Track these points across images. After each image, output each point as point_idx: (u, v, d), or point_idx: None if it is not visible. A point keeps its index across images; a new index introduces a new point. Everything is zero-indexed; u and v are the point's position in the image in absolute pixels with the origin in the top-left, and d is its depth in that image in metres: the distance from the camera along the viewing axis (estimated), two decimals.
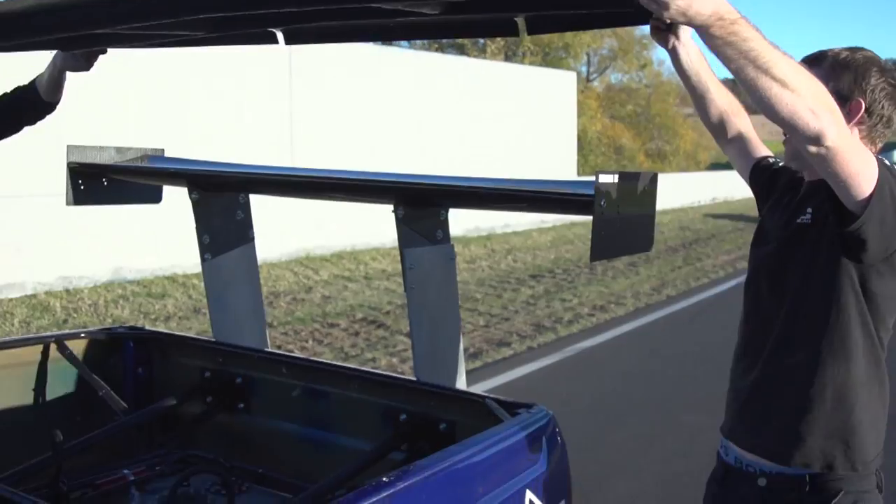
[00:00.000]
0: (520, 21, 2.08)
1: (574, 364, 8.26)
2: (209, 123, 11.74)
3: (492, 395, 2.68)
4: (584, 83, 33.30)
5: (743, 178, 2.65)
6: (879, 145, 2.25)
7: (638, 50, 41.59)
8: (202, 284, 11.39)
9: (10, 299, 9.70)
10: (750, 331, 2.36)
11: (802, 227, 2.25)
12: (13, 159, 9.76)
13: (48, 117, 3.38)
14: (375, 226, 12.65)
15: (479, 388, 5.67)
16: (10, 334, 8.31)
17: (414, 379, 2.86)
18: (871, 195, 1.94)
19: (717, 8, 1.71)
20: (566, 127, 22.41)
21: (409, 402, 2.81)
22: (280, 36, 2.48)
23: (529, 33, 2.15)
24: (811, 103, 1.80)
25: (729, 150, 2.66)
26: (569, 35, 35.76)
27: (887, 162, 2.04)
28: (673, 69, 2.46)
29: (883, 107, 2.19)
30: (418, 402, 2.79)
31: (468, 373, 2.96)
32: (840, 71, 2.20)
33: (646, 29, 2.18)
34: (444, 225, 2.90)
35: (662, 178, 2.10)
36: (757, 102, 1.81)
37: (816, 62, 2.22)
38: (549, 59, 35.47)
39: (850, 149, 1.91)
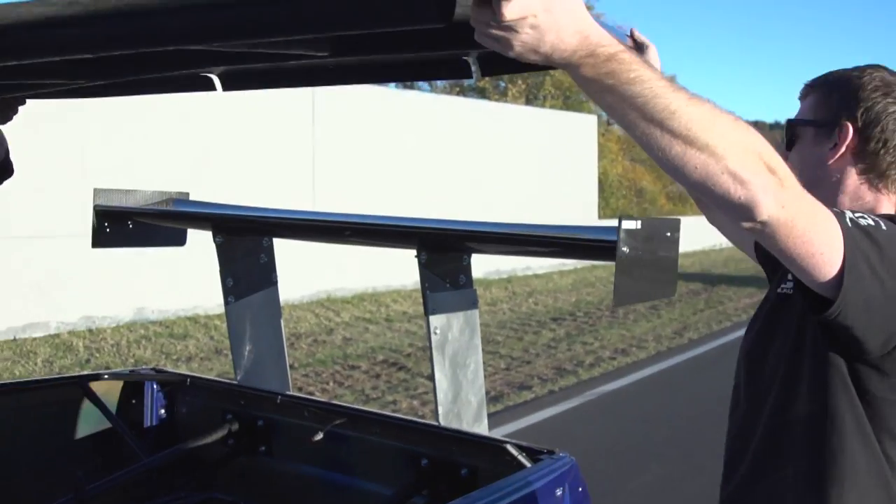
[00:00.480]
0: (474, 67, 1.99)
1: (595, 408, 8.21)
2: (233, 167, 11.83)
3: (514, 441, 2.67)
4: (605, 126, 33.40)
5: (745, 252, 2.28)
6: None
7: None
8: (224, 325, 11.35)
9: (34, 339, 9.76)
10: (731, 430, 1.92)
11: (783, 297, 1.83)
12: (39, 199, 9.88)
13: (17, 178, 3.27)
14: (396, 268, 12.68)
15: (500, 432, 5.65)
16: (33, 374, 8.35)
17: (435, 423, 2.86)
18: (841, 273, 1.45)
19: (584, 41, 1.21)
20: (587, 170, 22.44)
21: (431, 446, 2.81)
22: (217, 81, 2.38)
23: (484, 75, 2.00)
24: (733, 165, 1.29)
25: (716, 218, 2.27)
26: None
27: (855, 215, 1.54)
28: None
29: (883, 129, 1.73)
30: (440, 446, 2.78)
31: (489, 416, 2.96)
32: (829, 92, 1.80)
33: None
34: (467, 270, 2.90)
35: (684, 221, 2.00)
36: (660, 166, 1.35)
37: (813, 88, 1.85)
38: (569, 103, 35.62)
39: (800, 219, 1.39)
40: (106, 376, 3.56)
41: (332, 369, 9.19)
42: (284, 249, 4.01)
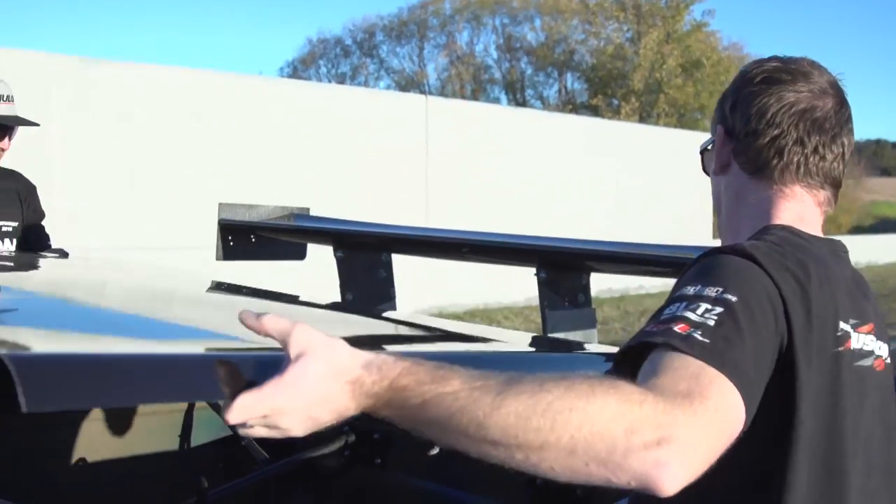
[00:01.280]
0: None
1: None
2: (348, 184, 12.02)
3: None
4: None
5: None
6: (806, 173, 1.48)
7: None
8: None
9: None
10: None
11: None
12: (164, 214, 10.21)
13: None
14: (507, 285, 12.68)
15: None
16: None
17: None
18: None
19: (344, 408, 1.08)
20: (701, 188, 22.07)
21: None
22: None
23: None
24: (596, 451, 1.01)
25: None
26: (704, 95, 35.41)
27: (695, 331, 1.18)
28: None
29: (744, 113, 1.50)
30: None
31: None
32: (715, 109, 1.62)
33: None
34: (586, 289, 2.90)
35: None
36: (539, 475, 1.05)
37: None
38: (684, 121, 35.16)
39: (712, 431, 1.07)
40: None
41: None
42: (397, 265, 4.07)
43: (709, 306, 1.21)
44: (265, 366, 1.10)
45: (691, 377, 1.10)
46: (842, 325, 1.35)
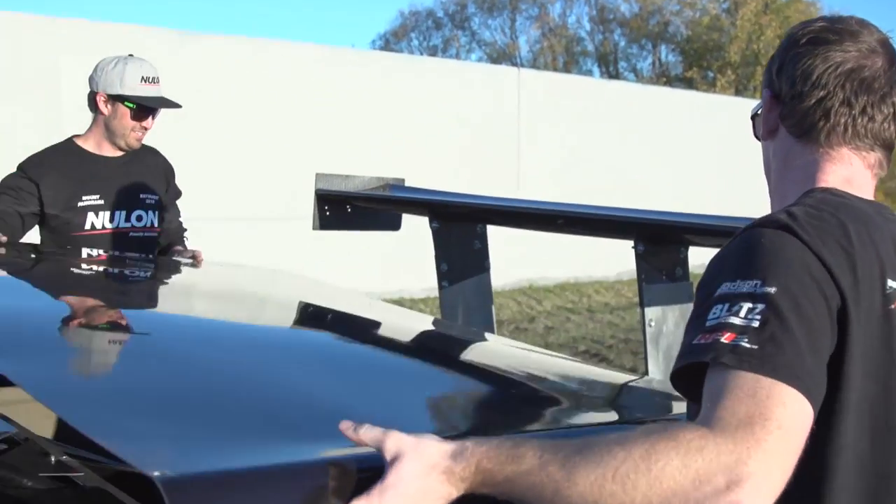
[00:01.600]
0: None
1: None
2: (439, 156, 12.04)
3: None
4: None
5: None
6: (850, 136, 1.44)
7: None
8: (428, 309, 11.55)
9: None
10: None
11: None
12: (261, 184, 10.37)
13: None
14: (598, 259, 12.60)
15: None
16: None
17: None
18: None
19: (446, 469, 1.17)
20: None
21: None
22: None
23: None
24: (674, 502, 1.07)
25: None
26: None
27: (742, 341, 1.19)
28: None
29: (789, 76, 1.46)
30: None
31: None
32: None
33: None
34: (684, 263, 2.87)
35: None
36: None
37: None
38: None
39: (781, 449, 1.10)
40: None
41: None
42: (488, 236, 4.08)
43: (750, 305, 1.21)
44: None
45: (748, 397, 1.12)
46: (890, 282, 1.32)
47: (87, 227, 3.44)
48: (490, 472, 1.16)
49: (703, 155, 16.46)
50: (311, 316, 2.71)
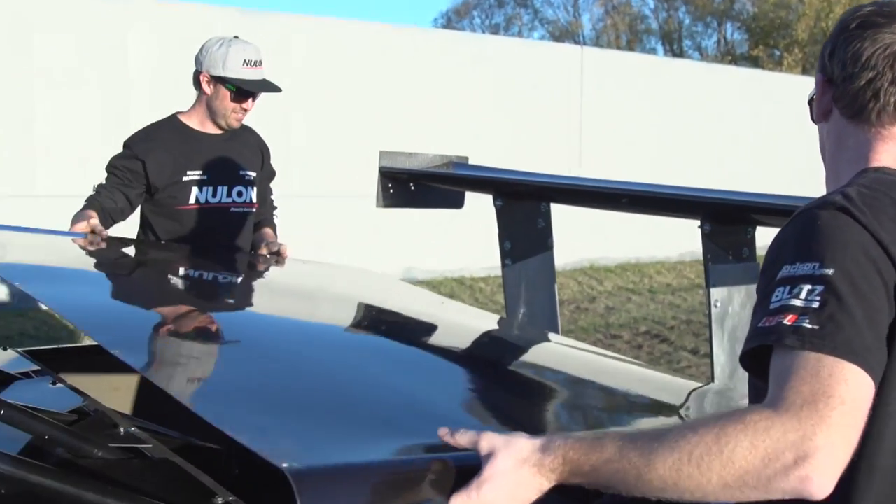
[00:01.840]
0: None
1: None
2: (501, 134, 12.01)
3: None
4: None
5: None
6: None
7: None
8: (489, 288, 11.53)
9: None
10: None
11: None
12: (325, 162, 10.44)
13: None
14: (660, 239, 12.49)
15: None
16: None
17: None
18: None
19: (545, 481, 1.30)
20: None
21: None
22: None
23: None
24: (747, 479, 1.16)
25: None
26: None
27: (804, 322, 1.25)
28: None
29: (841, 59, 1.50)
30: None
31: None
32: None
33: None
34: (751, 243, 2.84)
35: None
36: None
37: None
38: None
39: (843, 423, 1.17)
40: None
41: (594, 337, 9.20)
42: None
43: (810, 287, 1.27)
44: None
45: (811, 376, 1.19)
46: None
47: (192, 201, 3.55)
48: (576, 462, 1.27)
49: (770, 134, 16.22)
50: (404, 319, 2.84)
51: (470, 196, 3.88)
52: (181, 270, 3.30)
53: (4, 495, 1.65)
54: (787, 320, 1.26)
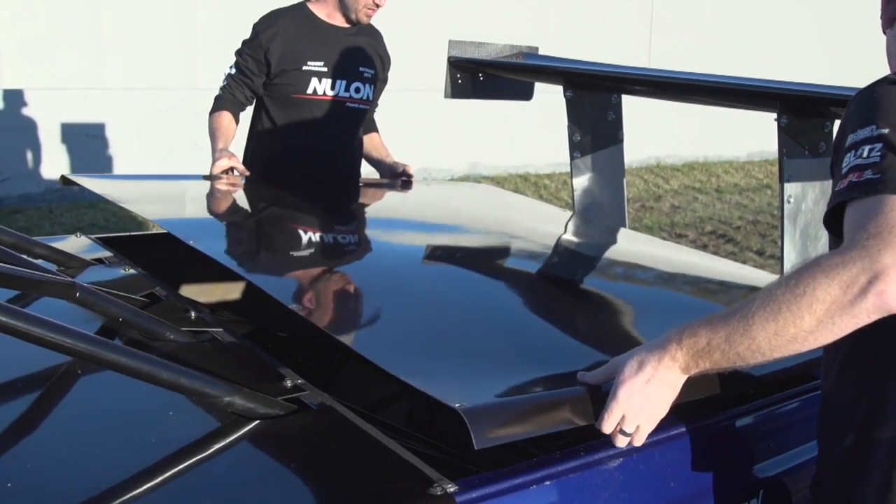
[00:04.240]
0: None
1: None
2: (567, 24, 11.79)
3: None
4: None
5: None
6: None
7: None
8: (553, 185, 11.45)
9: None
10: None
11: None
12: (393, 54, 10.33)
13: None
14: (729, 138, 12.28)
15: None
16: None
17: None
18: None
19: (677, 378, 1.48)
20: None
21: None
22: None
23: None
24: (834, 309, 1.31)
25: None
26: None
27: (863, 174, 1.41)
28: None
29: None
30: None
31: None
32: None
33: None
34: (829, 138, 2.76)
35: None
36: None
37: None
38: None
39: None
40: None
41: (659, 236, 9.13)
42: None
43: (870, 146, 1.40)
44: None
45: (877, 216, 1.32)
46: None
47: (310, 91, 3.56)
48: (695, 344, 1.44)
49: (849, 28, 15.70)
50: (532, 243, 2.97)
51: (537, 93, 3.83)
52: (324, 206, 3.31)
53: (81, 374, 1.70)
54: (856, 177, 1.40)
